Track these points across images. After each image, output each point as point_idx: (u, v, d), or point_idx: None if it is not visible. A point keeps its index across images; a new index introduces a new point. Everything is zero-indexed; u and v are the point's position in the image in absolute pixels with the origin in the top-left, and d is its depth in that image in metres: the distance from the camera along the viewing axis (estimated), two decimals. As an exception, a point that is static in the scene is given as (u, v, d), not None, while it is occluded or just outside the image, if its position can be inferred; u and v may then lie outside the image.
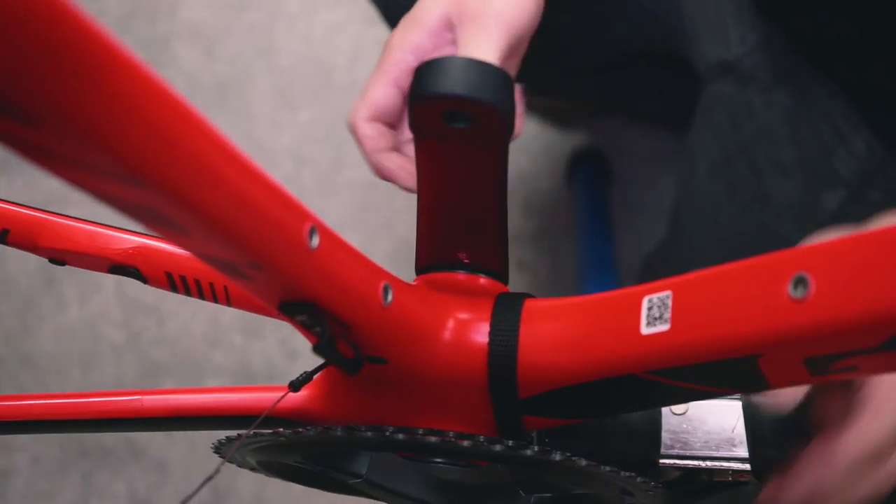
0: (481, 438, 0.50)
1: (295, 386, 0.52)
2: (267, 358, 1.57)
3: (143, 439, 1.56)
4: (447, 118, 0.47)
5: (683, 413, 0.62)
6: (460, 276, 0.56)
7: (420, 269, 0.58)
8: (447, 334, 0.52)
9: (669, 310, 0.46)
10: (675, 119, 0.76)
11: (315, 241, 0.42)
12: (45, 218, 0.59)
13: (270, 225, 0.40)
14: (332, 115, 1.69)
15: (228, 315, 1.59)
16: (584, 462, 0.51)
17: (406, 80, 0.69)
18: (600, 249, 1.45)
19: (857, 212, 1.01)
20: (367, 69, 1.72)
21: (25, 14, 0.27)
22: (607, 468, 0.51)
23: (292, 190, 0.40)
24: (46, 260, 0.59)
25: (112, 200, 0.36)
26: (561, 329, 0.51)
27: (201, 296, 0.60)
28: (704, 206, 1.03)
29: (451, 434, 0.50)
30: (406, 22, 0.71)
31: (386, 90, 0.69)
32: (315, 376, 0.53)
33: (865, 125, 0.95)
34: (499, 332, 0.52)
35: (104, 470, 1.55)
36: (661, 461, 0.62)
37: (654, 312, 0.47)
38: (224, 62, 1.74)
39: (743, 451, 0.61)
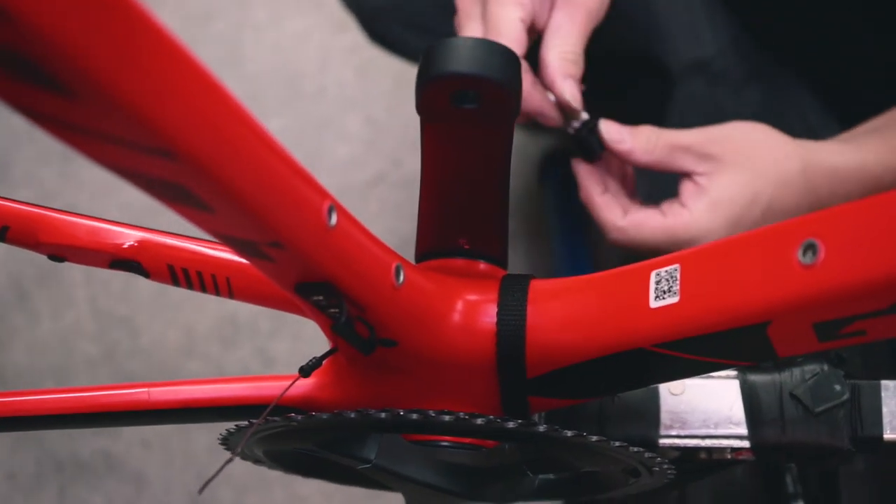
0: (495, 416, 0.50)
1: (305, 371, 0.52)
2: (243, 366, 1.57)
3: (119, 452, 1.54)
4: (456, 99, 0.48)
5: (681, 393, 0.63)
6: (460, 261, 0.57)
7: (420, 255, 0.58)
8: (456, 316, 0.52)
9: (678, 282, 0.47)
10: (648, 120, 0.77)
11: (334, 219, 0.43)
12: (45, 214, 0.59)
13: (293, 202, 0.40)
14: (302, 122, 1.70)
15: (203, 325, 1.59)
16: (594, 438, 0.51)
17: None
18: (575, 249, 1.46)
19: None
20: (336, 76, 1.73)
21: None
22: (616, 443, 0.52)
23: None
24: (17, 273, 0.59)
25: (140, 178, 0.36)
26: (568, 307, 0.52)
27: (203, 288, 0.60)
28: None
29: (464, 413, 0.50)
30: None
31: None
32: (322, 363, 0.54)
33: (835, 120, 0.97)
34: (506, 313, 0.52)
35: (80, 484, 1.54)
36: (661, 441, 0.63)
37: (663, 286, 0.48)
38: (192, 72, 1.74)
39: (742, 429, 0.62)
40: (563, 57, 0.74)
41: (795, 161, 0.75)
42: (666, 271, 0.48)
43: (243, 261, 0.59)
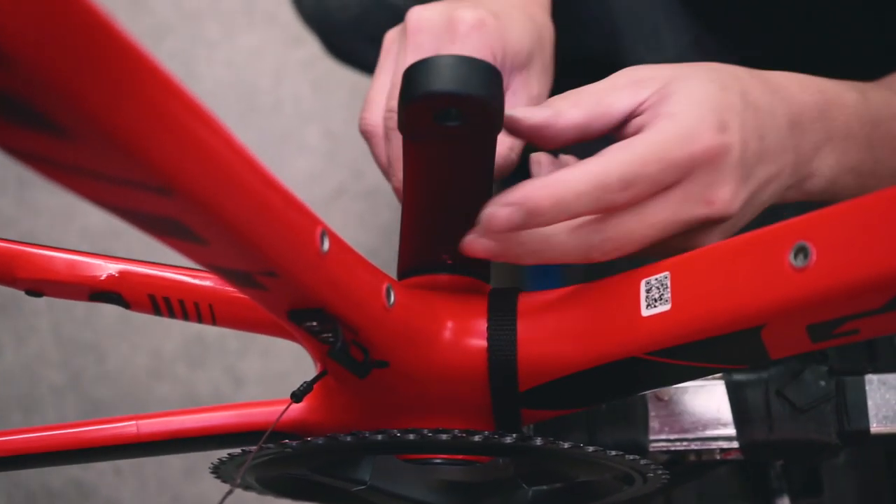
0: (492, 433, 0.50)
1: (297, 396, 0.52)
2: (213, 387, 1.56)
3: (91, 479, 1.53)
4: (439, 117, 0.47)
5: (668, 397, 0.63)
6: (444, 277, 0.57)
7: (402, 272, 0.58)
8: (447, 333, 0.52)
9: (669, 290, 0.47)
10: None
11: (326, 244, 0.42)
12: (20, 249, 0.58)
13: (288, 230, 0.40)
14: (260, 137, 1.68)
15: (171, 346, 1.57)
16: (591, 449, 0.51)
17: None
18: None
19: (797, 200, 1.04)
20: (291, 90, 1.72)
21: (68, 26, 0.27)
22: (612, 452, 0.52)
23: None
24: None
25: (133, 215, 0.36)
26: (558, 319, 0.52)
27: (185, 317, 0.59)
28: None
29: (459, 431, 0.50)
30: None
31: None
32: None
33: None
34: (496, 328, 0.52)
35: (53, 514, 1.52)
36: (651, 445, 0.63)
37: (654, 294, 0.48)
38: (146, 92, 1.72)
39: (730, 429, 0.63)
40: None
41: (741, 71, 0.62)
42: (656, 279, 0.48)
43: (226, 288, 0.59)
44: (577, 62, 1.10)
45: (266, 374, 1.55)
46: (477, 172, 0.52)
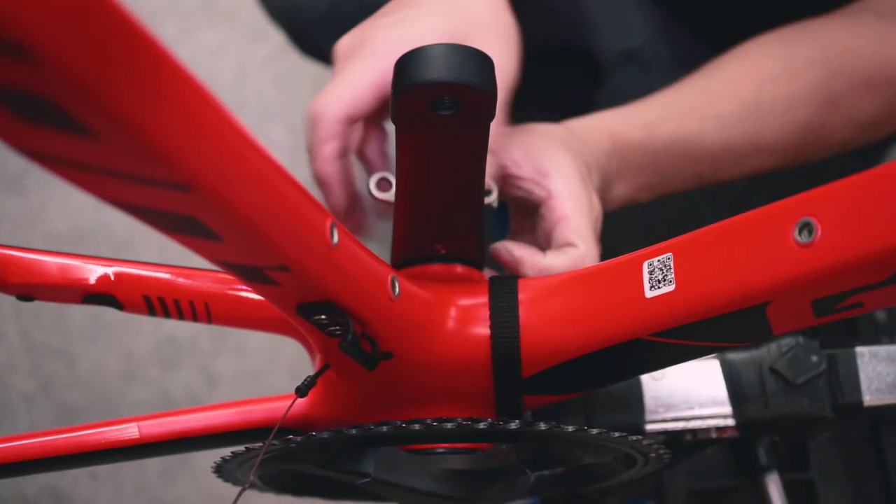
0: (497, 419, 0.51)
1: (302, 391, 0.51)
2: (186, 387, 1.55)
3: (67, 486, 1.51)
4: (433, 106, 0.47)
5: (662, 378, 0.64)
6: (438, 267, 0.57)
7: (396, 263, 0.58)
8: (450, 322, 0.52)
9: (672, 270, 0.48)
10: (580, 112, 0.78)
11: (336, 237, 0.42)
12: (10, 254, 0.57)
13: (301, 224, 0.40)
14: (224, 136, 1.67)
15: (142, 349, 1.56)
16: (594, 431, 0.52)
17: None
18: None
19: (768, 186, 1.05)
20: (254, 86, 1.71)
21: (96, 25, 0.27)
22: (616, 434, 0.53)
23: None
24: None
25: (150, 213, 0.36)
26: (561, 304, 0.52)
27: (181, 316, 0.58)
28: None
29: (463, 419, 0.50)
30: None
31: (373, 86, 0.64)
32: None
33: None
34: (499, 315, 0.53)
35: (28, 523, 1.50)
36: (648, 427, 0.63)
37: (657, 275, 0.48)
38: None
39: (725, 407, 0.63)
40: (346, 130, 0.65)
41: (559, 130, 0.72)
42: (658, 261, 0.49)
43: (222, 286, 0.58)
44: (542, 52, 1.10)
45: (240, 373, 1.55)
46: (469, 161, 0.52)
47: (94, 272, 0.57)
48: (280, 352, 1.54)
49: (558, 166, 0.65)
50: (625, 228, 0.82)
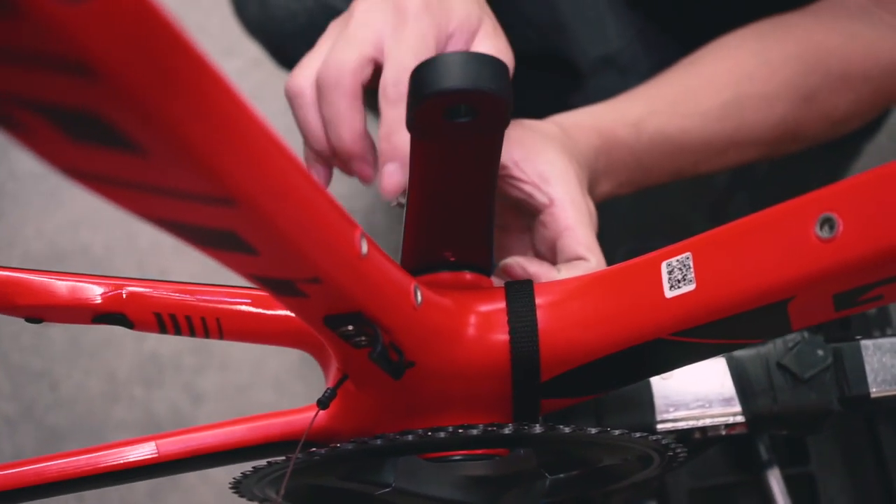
0: (521, 423, 0.51)
1: (324, 403, 0.51)
2: (171, 405, 1.54)
3: (53, 509, 1.49)
4: (449, 114, 0.48)
5: (671, 377, 0.64)
6: (448, 274, 0.57)
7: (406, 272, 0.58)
8: (470, 329, 0.52)
9: (692, 270, 0.48)
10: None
11: (364, 247, 0.42)
12: (19, 277, 0.56)
13: (333, 236, 0.40)
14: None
15: (124, 368, 1.55)
16: (617, 432, 0.52)
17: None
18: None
19: (746, 183, 1.06)
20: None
21: (152, 42, 0.27)
22: (637, 434, 0.53)
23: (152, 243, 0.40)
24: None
25: (187, 229, 0.35)
26: (579, 307, 0.52)
27: (192, 333, 0.58)
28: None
29: (485, 425, 0.51)
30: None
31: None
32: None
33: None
34: (517, 320, 0.53)
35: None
36: (659, 426, 0.64)
37: (676, 275, 0.49)
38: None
39: (734, 404, 0.64)
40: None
41: (551, 127, 0.73)
42: (677, 260, 0.49)
43: (233, 302, 0.58)
44: (520, 58, 1.11)
45: (225, 390, 1.54)
46: (483, 167, 0.52)
47: (103, 291, 0.57)
48: (264, 366, 1.53)
49: (559, 171, 0.66)
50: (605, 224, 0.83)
